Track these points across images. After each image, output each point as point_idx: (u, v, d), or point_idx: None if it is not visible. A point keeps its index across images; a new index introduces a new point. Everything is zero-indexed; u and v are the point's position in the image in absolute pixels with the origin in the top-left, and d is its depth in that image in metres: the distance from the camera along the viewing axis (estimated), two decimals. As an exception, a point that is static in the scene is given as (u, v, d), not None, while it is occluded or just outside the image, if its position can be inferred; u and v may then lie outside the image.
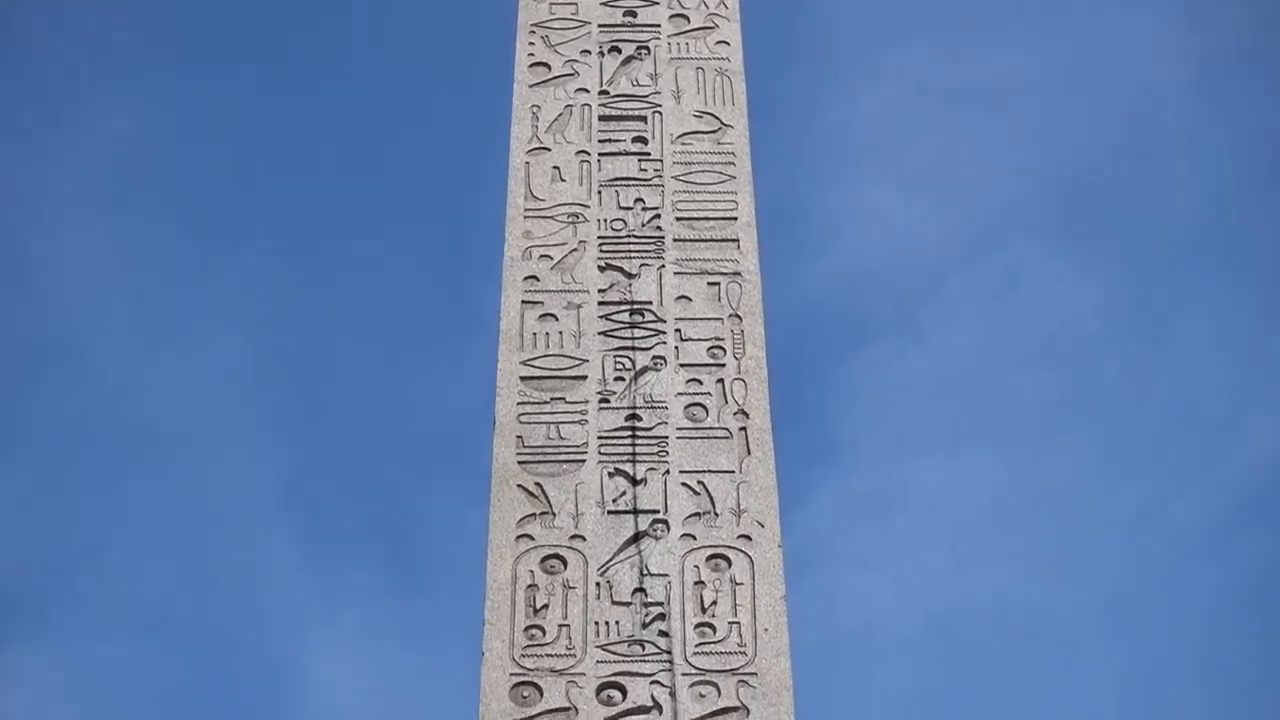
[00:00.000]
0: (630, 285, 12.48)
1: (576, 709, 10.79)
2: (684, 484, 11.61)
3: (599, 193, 12.97)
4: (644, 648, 10.98)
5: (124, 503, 26.55)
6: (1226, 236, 27.13)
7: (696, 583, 11.21)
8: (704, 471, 11.65)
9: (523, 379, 12.05)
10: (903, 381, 27.26)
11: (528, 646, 11.00)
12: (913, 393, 27.25)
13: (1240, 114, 27.22)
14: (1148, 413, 26.75)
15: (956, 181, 28.33)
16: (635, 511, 11.50)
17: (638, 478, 11.63)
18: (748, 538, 11.39)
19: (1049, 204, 28.04)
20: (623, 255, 12.61)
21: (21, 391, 26.60)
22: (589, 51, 13.83)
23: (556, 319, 12.34)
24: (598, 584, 11.21)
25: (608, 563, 11.29)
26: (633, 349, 12.20)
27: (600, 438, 11.80)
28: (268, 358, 27.71)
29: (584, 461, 11.71)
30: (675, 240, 12.68)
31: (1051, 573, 26.19)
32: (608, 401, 11.94)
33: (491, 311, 12.43)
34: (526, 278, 12.52)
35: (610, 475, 11.65)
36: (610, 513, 11.49)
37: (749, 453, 11.75)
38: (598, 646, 10.99)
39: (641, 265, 12.56)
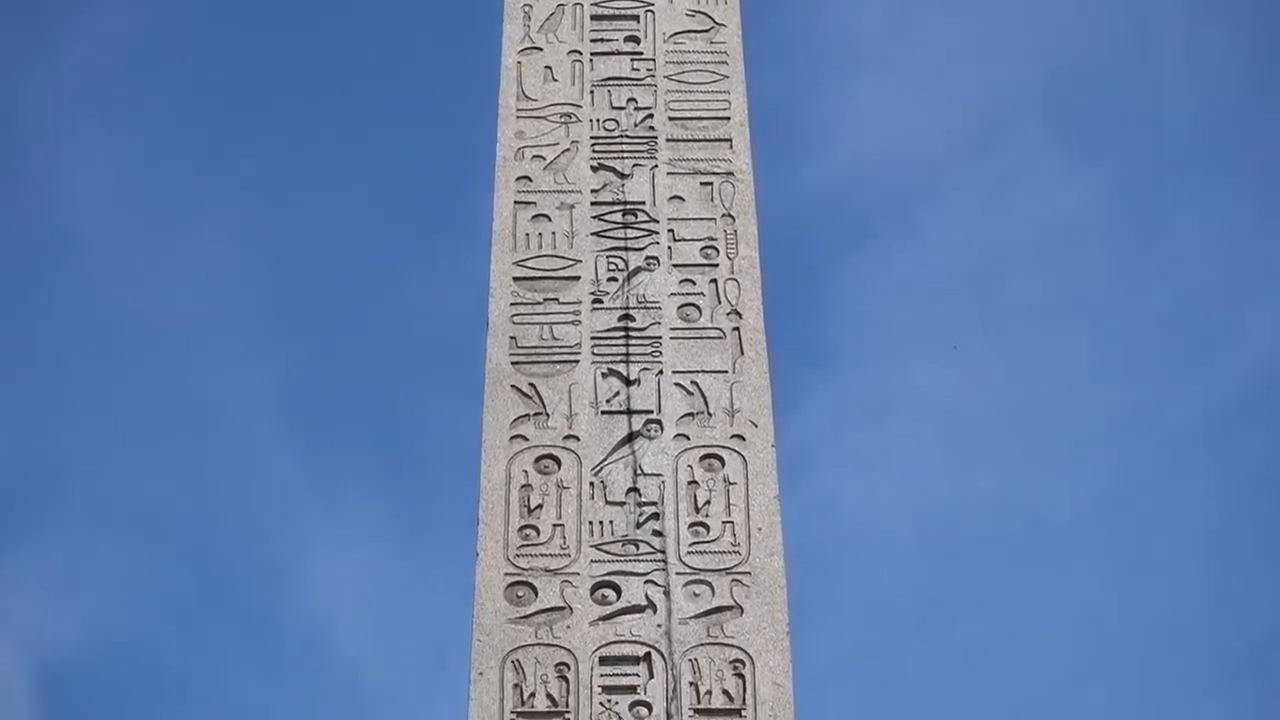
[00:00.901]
0: (623, 185, 12.48)
1: (571, 608, 10.86)
2: (677, 384, 11.66)
3: (591, 92, 12.95)
4: (638, 547, 11.05)
5: (122, 404, 26.63)
6: (1224, 134, 27.07)
7: (690, 482, 11.28)
8: (697, 371, 11.70)
9: (515, 280, 12.08)
10: (899, 282, 27.26)
11: (522, 546, 11.07)
12: (909, 293, 27.25)
13: (1237, 8, 27.10)
14: (1144, 310, 26.78)
15: (954, 80, 28.25)
16: (629, 411, 11.55)
17: (631, 378, 11.68)
18: (741, 437, 11.45)
19: (1046, 101, 27.95)
20: (615, 155, 12.61)
21: (19, 293, 26.63)
22: (580, -51, 13.75)
23: (549, 219, 12.35)
24: (591, 484, 11.28)
25: (601, 463, 11.35)
26: (625, 249, 12.21)
27: (593, 338, 11.84)
28: (263, 260, 27.73)
29: (577, 362, 11.76)
30: (668, 140, 12.68)
31: (1048, 471, 26.29)
32: (601, 302, 11.97)
33: (485, 213, 12.45)
34: (519, 178, 12.53)
35: (604, 375, 11.69)
36: (604, 413, 11.55)
37: (742, 353, 11.79)
38: (592, 546, 11.06)
39: (634, 165, 12.56)
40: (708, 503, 11.21)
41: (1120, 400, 26.39)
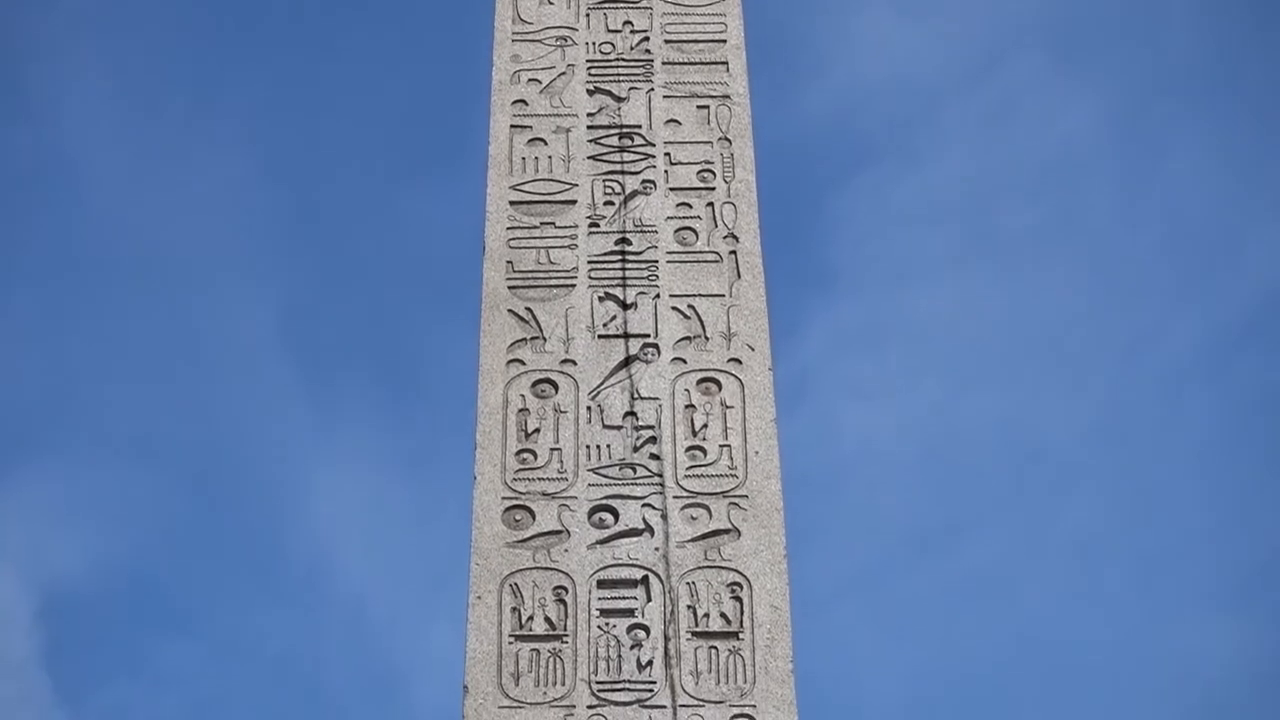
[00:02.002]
0: (619, 109, 12.46)
1: (568, 532, 10.92)
2: (674, 308, 11.69)
3: (587, 16, 12.90)
4: (635, 471, 11.10)
5: (123, 332, 26.67)
6: (1223, 60, 27.01)
7: (687, 406, 11.32)
8: (694, 295, 11.73)
9: (512, 204, 12.09)
10: (899, 208, 27.27)
11: (519, 470, 11.12)
12: (909, 219, 27.26)
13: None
14: (1143, 236, 26.82)
15: (954, 5, 28.16)
16: (626, 335, 11.58)
17: (628, 302, 11.70)
18: (738, 361, 11.49)
19: (1046, 28, 27.87)
20: (611, 78, 12.58)
21: (19, 217, 26.63)
22: None
23: (545, 143, 12.34)
24: (589, 408, 11.32)
25: (598, 387, 11.38)
26: (622, 173, 12.20)
27: (590, 262, 11.85)
28: (262, 188, 27.74)
29: (574, 286, 11.77)
30: (664, 63, 12.65)
31: (1046, 397, 26.38)
32: (597, 226, 11.97)
33: (481, 137, 12.44)
34: (515, 102, 12.51)
35: (600, 299, 11.72)
36: (601, 337, 11.58)
37: (739, 276, 11.81)
38: (589, 470, 11.11)
39: (630, 89, 12.53)
40: (705, 426, 11.25)
41: (1118, 326, 26.48)
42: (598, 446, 11.17)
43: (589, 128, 12.37)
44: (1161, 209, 26.70)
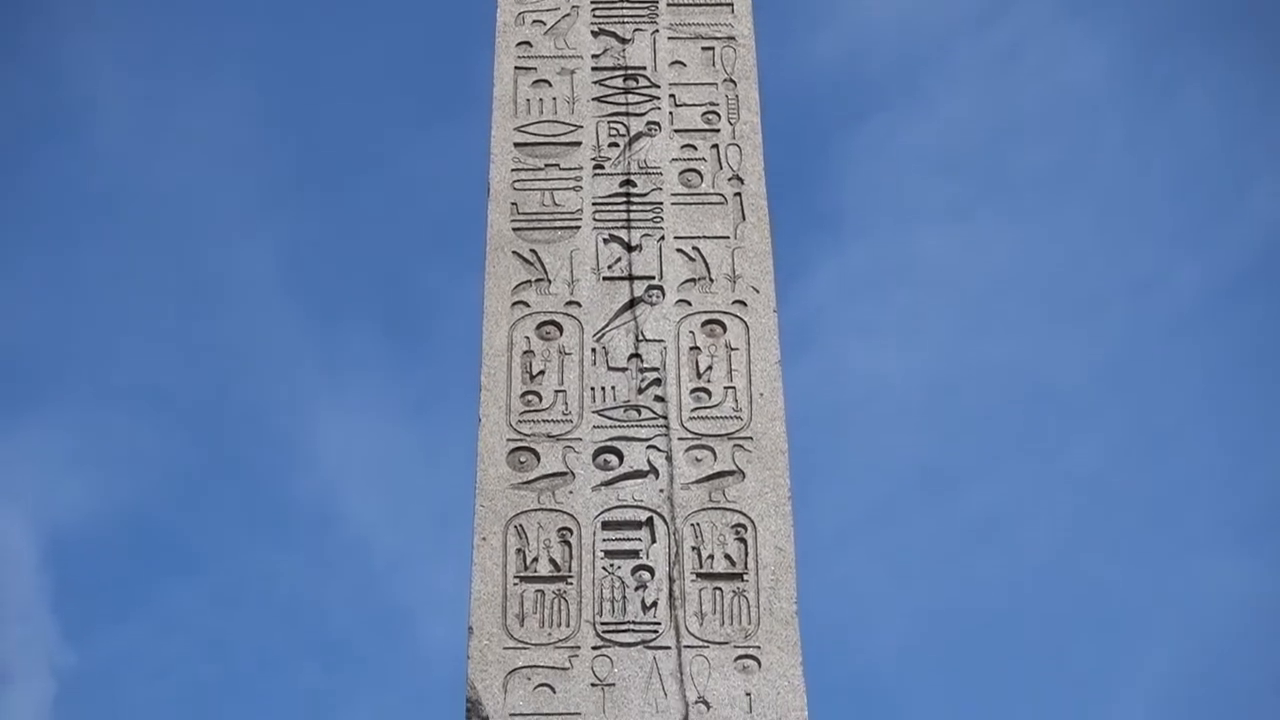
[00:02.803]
0: (624, 50, 12.44)
1: (573, 473, 10.94)
2: (679, 249, 11.70)
3: (591, -44, 12.90)
4: (640, 413, 11.12)
5: (128, 276, 26.69)
6: (1233, 2, 26.89)
7: (692, 348, 11.34)
8: (699, 237, 11.74)
9: (516, 145, 12.08)
10: (907, 151, 27.24)
11: (524, 412, 11.15)
12: (917, 161, 27.24)
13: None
14: (1151, 180, 26.79)
15: (962, -53, 28.04)
16: (630, 277, 11.59)
17: (633, 243, 11.71)
18: (743, 303, 11.50)
19: (1055, -31, 27.78)
20: (616, 20, 12.55)
21: (26, 167, 26.62)
22: None
23: (550, 85, 12.33)
24: (594, 350, 11.34)
25: (603, 329, 11.41)
26: (627, 114, 12.20)
27: (595, 204, 11.86)
28: (267, 131, 27.70)
29: (579, 228, 11.78)
30: (669, 5, 12.61)
31: (1053, 339, 26.41)
32: (602, 168, 11.98)
33: (485, 79, 12.45)
34: (519, 44, 12.48)
35: (605, 241, 11.72)
36: (606, 279, 11.59)
37: (744, 218, 11.81)
38: (594, 412, 11.14)
39: (635, 30, 12.51)
40: (709, 368, 11.27)
41: (1126, 269, 26.48)
42: (602, 388, 11.19)
43: (594, 69, 12.36)
44: (1170, 152, 26.69)
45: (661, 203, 11.86)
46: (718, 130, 12.13)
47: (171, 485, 26.19)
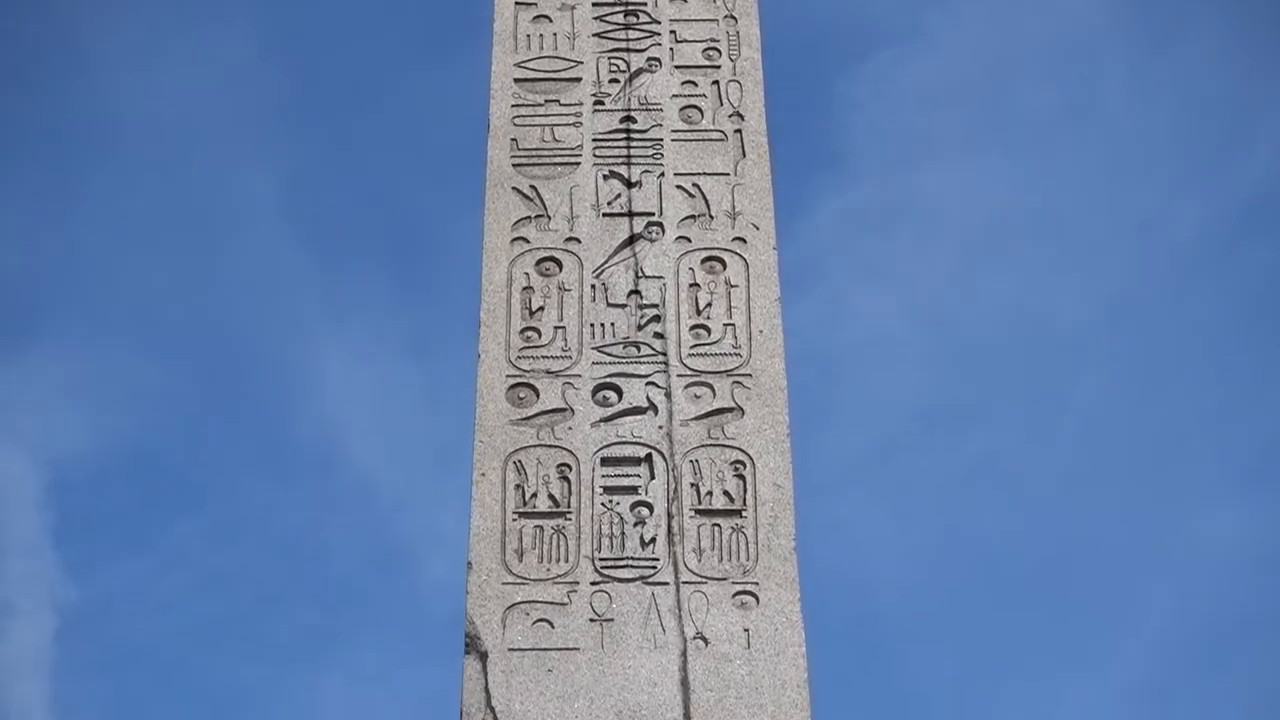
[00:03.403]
0: (624, -15, 12.45)
1: (572, 410, 10.97)
2: (679, 186, 11.69)
3: (591, -109, 12.85)
4: (639, 349, 11.14)
5: (129, 207, 26.66)
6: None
7: (691, 285, 11.35)
8: (699, 174, 11.72)
9: (516, 81, 12.07)
10: (910, 87, 27.15)
11: (524, 349, 11.16)
12: (920, 99, 27.15)
13: None
14: (1154, 118, 26.72)
15: (965, -118, 27.90)
16: (630, 214, 11.59)
17: (633, 180, 11.71)
18: (742, 240, 11.50)
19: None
20: (616, -45, 12.55)
21: (24, 94, 26.53)
22: None
23: (550, 20, 12.29)
24: (593, 286, 11.35)
25: (603, 265, 11.41)
26: (627, 50, 12.17)
27: (595, 140, 11.85)
28: (268, 63, 27.62)
29: (579, 164, 11.78)
30: (670, -60, 12.63)
31: (1056, 278, 26.39)
32: (602, 104, 11.97)
33: (486, 14, 12.42)
34: (520, -22, 12.50)
35: (605, 178, 11.72)
36: (605, 215, 11.59)
37: (744, 155, 11.81)
38: (593, 348, 11.15)
39: (635, -35, 12.52)
40: (709, 305, 11.28)
41: (1129, 208, 26.44)
42: (602, 325, 11.21)
43: (594, 4, 12.31)
44: (1174, 89, 26.62)
45: (661, 139, 11.85)
46: (718, 67, 12.11)
47: (173, 421, 26.22)
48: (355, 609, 25.32)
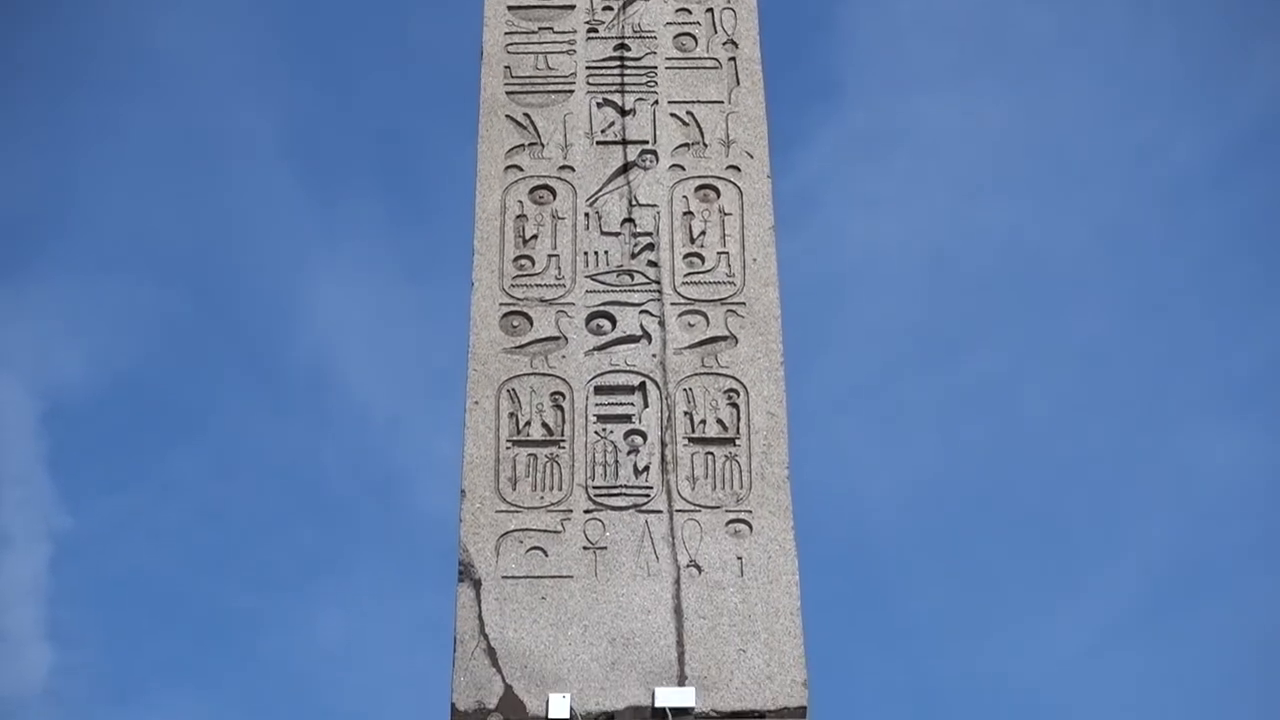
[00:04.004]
0: (618, -88, 12.40)
1: (566, 338, 10.99)
2: (673, 114, 11.69)
3: None
4: (633, 277, 11.16)
5: (126, 137, 26.62)
6: None
7: (685, 213, 11.35)
8: (693, 102, 11.73)
9: (510, 8, 12.06)
10: (907, 16, 27.06)
11: (517, 276, 11.18)
12: (917, 27, 27.07)
13: None
14: (1152, 46, 26.65)
15: None
16: (624, 142, 11.59)
17: (626, 108, 11.70)
18: (736, 168, 11.51)
19: None
20: (610, -118, 12.50)
21: (23, 26, 26.46)
22: None
23: (543, -53, 12.31)
24: (587, 214, 11.36)
25: (596, 193, 11.42)
26: (621, -23, 12.20)
27: (588, 68, 11.84)
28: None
29: (572, 92, 11.78)
30: None
31: (1053, 206, 26.38)
32: (596, 31, 11.95)
33: (479, -57, 12.36)
34: (512, -93, 12.45)
35: (599, 105, 11.72)
36: (599, 143, 11.59)
37: (738, 83, 11.79)
38: (587, 276, 11.17)
39: (629, -108, 12.45)
40: (703, 233, 11.29)
41: (1126, 136, 26.42)
42: (595, 253, 11.22)
43: (587, -69, 12.32)
44: (1170, 19, 26.56)
45: (655, 67, 11.82)
46: None
47: (169, 350, 26.23)
48: (351, 536, 25.41)
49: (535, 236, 11.29)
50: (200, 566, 24.97)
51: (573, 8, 12.02)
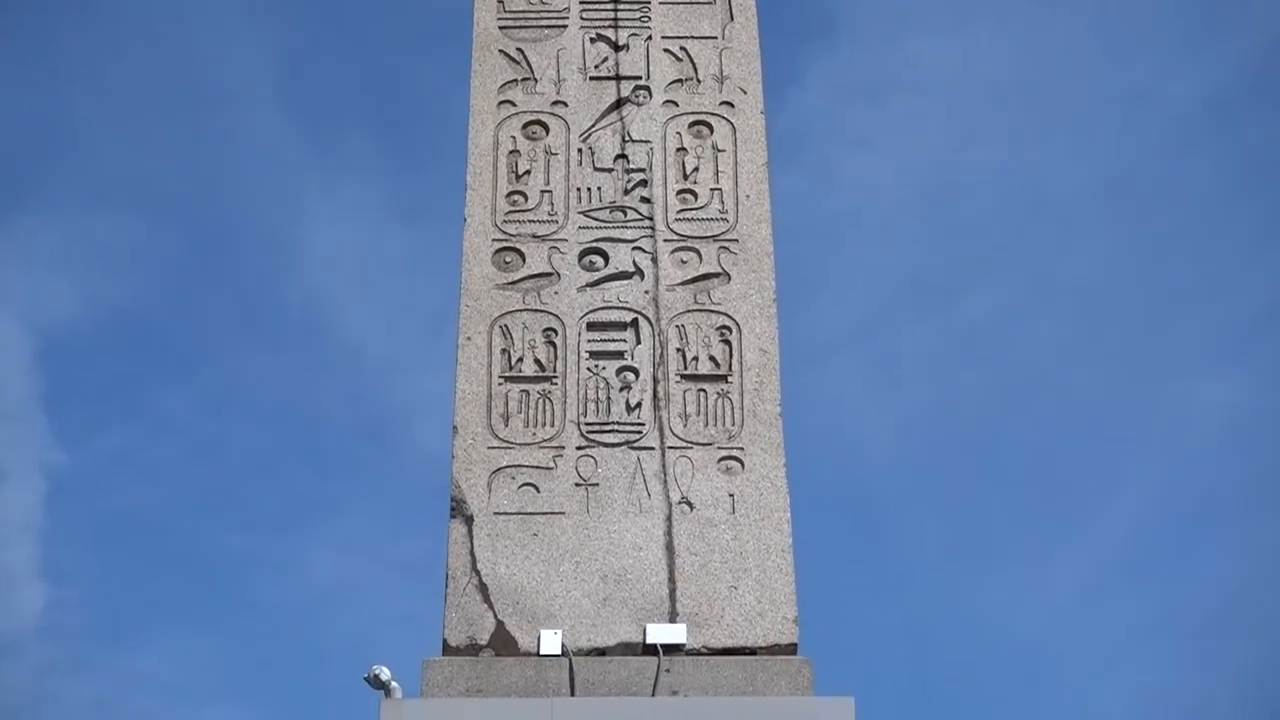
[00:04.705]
0: None
1: (558, 274, 11.00)
2: (666, 50, 11.68)
3: None
4: (626, 214, 11.16)
5: (120, 76, 26.61)
6: None
7: (679, 149, 11.36)
8: (686, 37, 11.71)
9: (503, -57, 12.09)
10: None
11: (510, 212, 11.18)
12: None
13: None
14: (1148, -12, 26.65)
15: None
16: (617, 78, 11.58)
17: (620, 43, 11.68)
18: (730, 104, 11.51)
19: None
20: None
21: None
22: None
23: (536, -117, 12.26)
24: (580, 150, 11.36)
25: (590, 129, 11.42)
26: (614, -88, 12.16)
27: (582, 3, 11.82)
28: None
29: (565, 27, 11.75)
30: None
31: (1049, 148, 26.43)
32: (590, -35, 11.98)
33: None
34: None
35: (592, 40, 11.70)
36: (592, 79, 11.59)
37: (731, 19, 11.77)
38: (580, 212, 11.17)
39: None
40: (696, 170, 11.30)
41: (1123, 78, 26.44)
42: (588, 189, 11.22)
43: None
44: (1168, -41, 26.55)
45: (649, 2, 11.80)
46: None
47: (163, 288, 26.28)
48: (344, 475, 25.50)
49: (528, 172, 11.28)
50: (194, 504, 25.09)
51: (566, -57, 12.04)
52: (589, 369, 10.74)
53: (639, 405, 10.65)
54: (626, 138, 11.37)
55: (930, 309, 26.04)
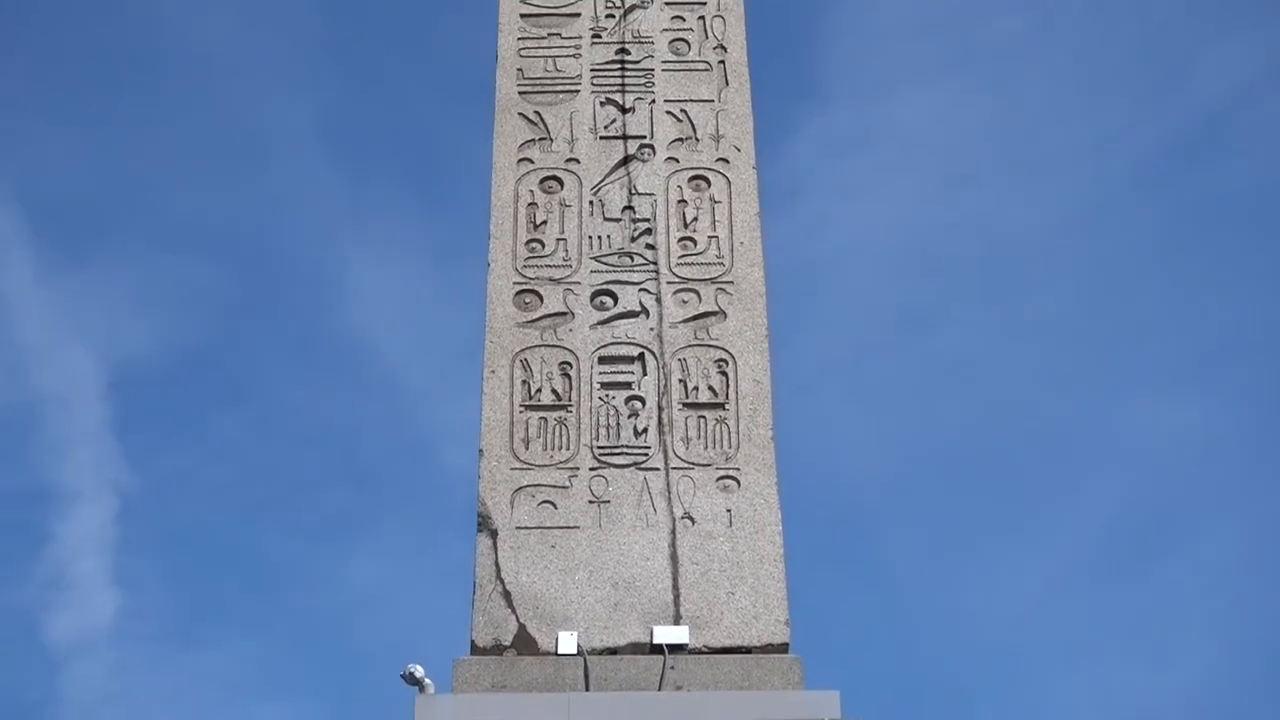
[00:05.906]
0: (619, -71, 12.47)
1: (573, 313, 11.42)
2: (668, 112, 12.09)
3: None
4: (633, 259, 11.59)
5: (177, 132, 26.94)
6: None
7: (680, 201, 11.74)
8: (686, 100, 12.10)
9: (522, 16, 12.43)
10: (888, 19, 27.29)
11: (529, 258, 11.54)
12: (898, 29, 27.28)
13: None
14: (1114, 45, 26.68)
15: None
16: (624, 137, 11.98)
17: (627, 106, 12.10)
18: (725, 160, 11.87)
19: None
20: (612, -98, 12.56)
21: (73, 35, 27.00)
22: None
23: (552, -39, 12.41)
24: (591, 202, 11.74)
25: (600, 183, 11.82)
26: (622, -12, 12.43)
27: (593, 70, 12.23)
28: (302, 2, 28.13)
29: (578, 91, 12.16)
30: (659, -114, 12.56)
31: (1021, 194, 26.48)
32: (600, 37, 12.33)
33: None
34: (522, -75, 12.52)
35: (602, 104, 12.11)
36: (602, 138, 11.96)
37: (727, 83, 12.12)
38: (591, 258, 11.57)
39: (629, -90, 12.50)
40: (695, 219, 11.66)
41: (1089, 129, 26.48)
42: (599, 237, 11.63)
43: (592, -53, 12.45)
44: (1132, 18, 26.67)
45: (653, 69, 12.17)
46: (704, 3, 12.37)
47: (222, 324, 26.64)
48: (382, 494, 25.87)
49: (545, 222, 11.63)
50: (248, 519, 25.61)
51: (578, 15, 12.37)
52: (600, 398, 11.14)
53: (645, 430, 11.05)
54: (633, 191, 11.79)
55: (910, 342, 26.21)
